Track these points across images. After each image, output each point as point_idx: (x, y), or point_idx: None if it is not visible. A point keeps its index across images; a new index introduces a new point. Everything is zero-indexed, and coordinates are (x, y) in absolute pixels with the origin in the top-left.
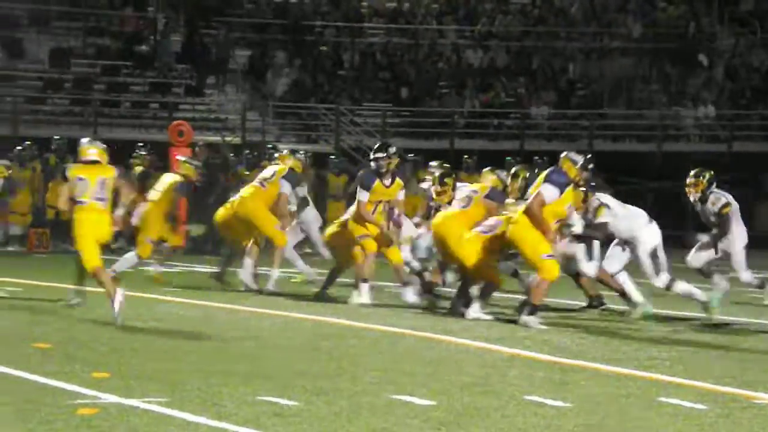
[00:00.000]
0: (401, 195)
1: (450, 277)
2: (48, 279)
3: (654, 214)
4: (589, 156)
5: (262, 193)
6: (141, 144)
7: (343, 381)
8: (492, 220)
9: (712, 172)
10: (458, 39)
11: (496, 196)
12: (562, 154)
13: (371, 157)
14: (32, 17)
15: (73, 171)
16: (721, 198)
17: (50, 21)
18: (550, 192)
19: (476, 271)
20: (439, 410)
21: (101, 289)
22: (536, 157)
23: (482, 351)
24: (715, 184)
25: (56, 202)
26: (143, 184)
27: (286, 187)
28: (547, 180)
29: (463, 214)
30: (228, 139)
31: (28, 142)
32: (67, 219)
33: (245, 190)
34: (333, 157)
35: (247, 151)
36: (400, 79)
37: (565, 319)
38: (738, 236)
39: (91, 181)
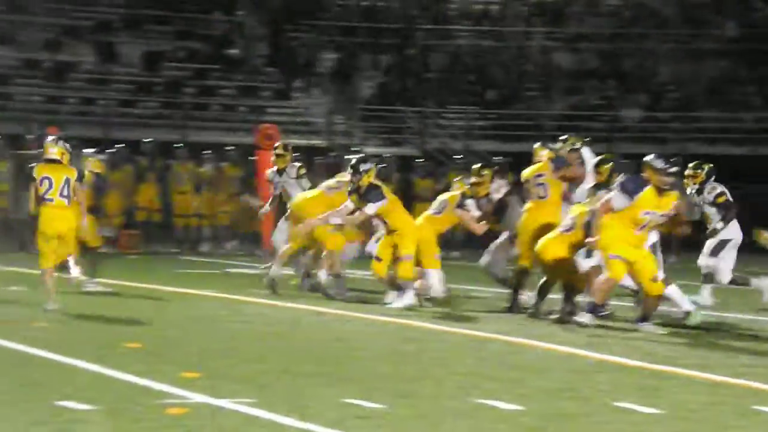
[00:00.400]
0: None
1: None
2: (139, 280)
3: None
4: (674, 160)
5: (325, 200)
6: (231, 147)
7: (427, 385)
8: (569, 219)
9: (712, 165)
10: (547, 41)
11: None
12: (645, 158)
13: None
14: (125, 21)
15: (39, 170)
16: (716, 188)
17: (142, 25)
18: (619, 200)
19: (557, 271)
20: (526, 415)
21: (194, 291)
22: (625, 160)
23: (569, 356)
24: (713, 178)
25: (146, 204)
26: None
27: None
28: (619, 187)
29: None
30: (314, 141)
31: (121, 145)
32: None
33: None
34: (419, 160)
35: (333, 154)
36: (486, 82)
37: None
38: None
39: (56, 180)
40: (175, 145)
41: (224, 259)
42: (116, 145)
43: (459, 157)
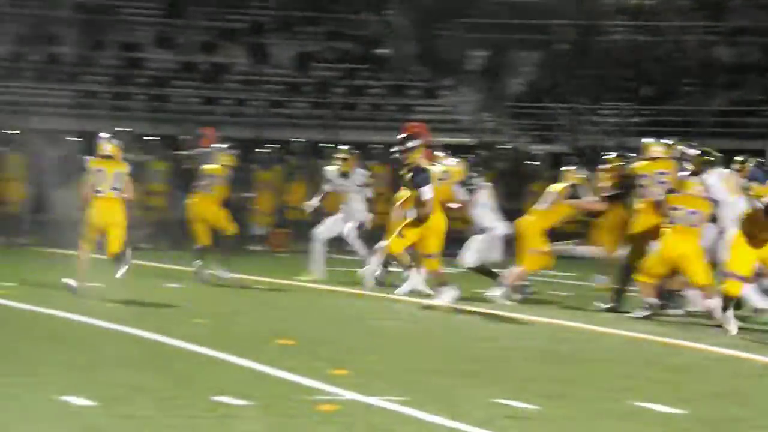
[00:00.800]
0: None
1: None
2: (290, 277)
3: None
4: None
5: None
6: (378, 146)
7: (580, 386)
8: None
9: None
10: (706, 35)
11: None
12: None
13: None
14: (277, 23)
15: (93, 163)
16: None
17: (294, 26)
18: None
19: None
20: (687, 420)
21: (344, 289)
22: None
23: (732, 359)
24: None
25: (297, 203)
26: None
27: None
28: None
29: None
30: (462, 139)
31: (275, 145)
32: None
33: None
34: (572, 156)
35: (481, 152)
36: (642, 78)
37: None
38: None
39: (108, 173)
40: (324, 145)
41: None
42: (267, 145)
43: (612, 154)
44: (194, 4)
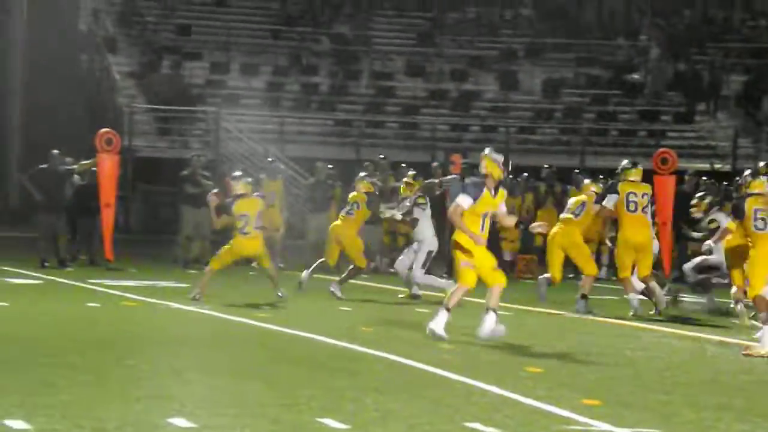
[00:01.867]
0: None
1: None
2: (536, 304)
3: None
4: None
5: (575, 222)
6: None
7: None
8: None
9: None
10: None
11: None
12: None
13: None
14: (528, 50)
15: (238, 207)
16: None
17: (544, 53)
18: None
19: None
20: None
21: (596, 318)
22: None
23: None
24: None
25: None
26: None
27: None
28: None
29: None
30: (717, 166)
31: (524, 174)
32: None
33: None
34: None
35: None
36: None
37: None
38: None
39: (251, 215)
40: (574, 171)
41: (612, 283)
42: (517, 172)
43: None
44: (445, 33)
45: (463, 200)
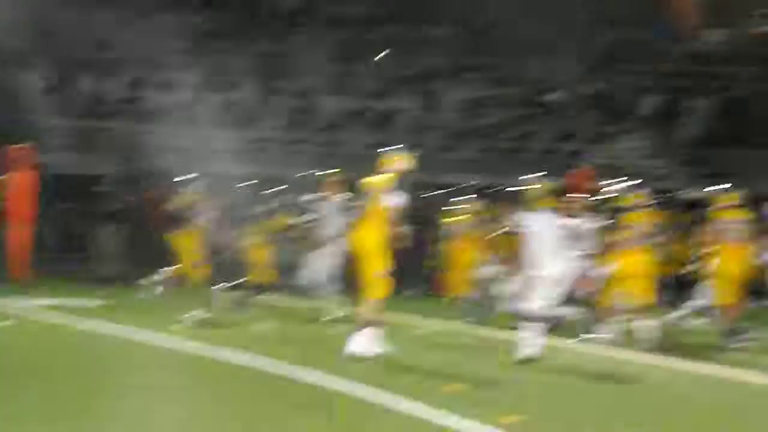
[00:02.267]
0: None
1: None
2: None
3: None
4: None
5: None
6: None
7: None
8: None
9: None
10: None
11: None
12: None
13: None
14: (448, 69)
15: None
16: None
17: (464, 72)
18: None
19: None
20: None
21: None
22: None
23: None
24: None
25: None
26: None
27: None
28: None
29: None
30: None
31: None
32: None
33: None
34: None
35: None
36: None
37: None
38: None
39: None
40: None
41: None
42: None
43: None
44: (366, 53)
45: None
